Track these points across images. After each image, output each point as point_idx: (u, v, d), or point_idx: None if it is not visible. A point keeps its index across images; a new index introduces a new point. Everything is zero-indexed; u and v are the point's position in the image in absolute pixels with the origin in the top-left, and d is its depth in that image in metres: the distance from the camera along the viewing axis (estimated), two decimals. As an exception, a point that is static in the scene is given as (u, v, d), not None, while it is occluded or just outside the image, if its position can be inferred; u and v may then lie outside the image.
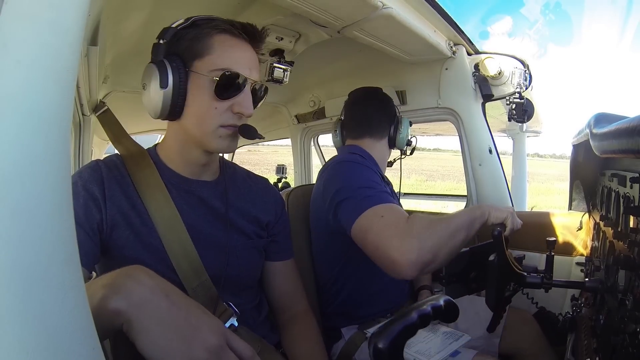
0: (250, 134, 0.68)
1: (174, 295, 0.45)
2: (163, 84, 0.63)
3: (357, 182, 0.91)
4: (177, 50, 0.65)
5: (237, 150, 3.02)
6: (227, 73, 0.64)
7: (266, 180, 0.88)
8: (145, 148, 0.76)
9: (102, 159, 0.72)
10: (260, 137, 0.70)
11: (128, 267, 0.45)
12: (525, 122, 1.38)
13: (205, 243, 0.70)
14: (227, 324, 0.63)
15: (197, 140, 0.69)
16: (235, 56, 0.66)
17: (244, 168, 0.88)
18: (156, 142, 0.77)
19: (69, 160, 0.30)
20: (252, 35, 0.68)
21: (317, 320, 0.88)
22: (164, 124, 0.72)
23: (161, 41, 0.65)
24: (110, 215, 0.65)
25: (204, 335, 0.44)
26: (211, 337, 0.44)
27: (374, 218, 0.82)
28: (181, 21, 0.67)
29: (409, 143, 1.24)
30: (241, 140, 0.72)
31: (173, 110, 0.65)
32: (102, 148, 3.01)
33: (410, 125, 1.24)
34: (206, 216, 0.73)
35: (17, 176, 0.24)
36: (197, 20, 0.67)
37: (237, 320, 0.65)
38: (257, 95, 0.71)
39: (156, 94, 0.64)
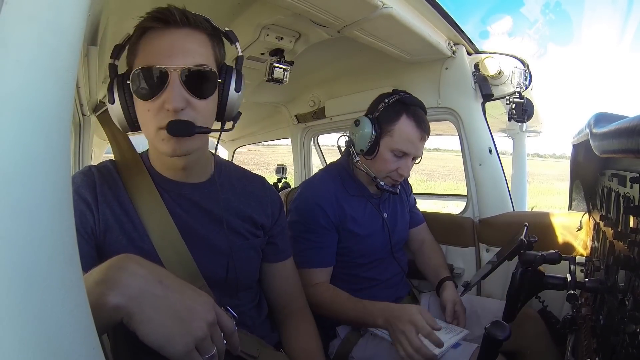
0: (180, 130, 0.60)
1: (167, 280, 0.47)
2: (110, 100, 0.64)
3: (301, 227, 1.07)
4: (127, 64, 0.66)
5: (237, 150, 3.03)
6: (136, 72, 0.60)
7: (263, 179, 0.87)
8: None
9: (97, 163, 0.72)
10: (205, 131, 0.61)
11: (117, 259, 0.45)
12: (525, 122, 1.38)
13: (201, 246, 0.70)
14: None
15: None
16: (151, 50, 0.60)
17: (240, 167, 0.87)
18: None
19: (69, 160, 0.30)
20: (168, 19, 0.60)
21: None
22: None
23: (114, 62, 0.66)
24: (103, 219, 0.65)
25: (199, 314, 0.46)
26: (206, 314, 0.47)
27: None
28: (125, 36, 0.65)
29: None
30: (242, 139, 0.71)
31: (130, 122, 0.65)
32: (102, 148, 3.01)
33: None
34: (200, 219, 0.72)
35: (17, 176, 0.24)
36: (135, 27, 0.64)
37: (235, 324, 0.65)
38: (196, 82, 0.60)
39: (111, 111, 0.65)
